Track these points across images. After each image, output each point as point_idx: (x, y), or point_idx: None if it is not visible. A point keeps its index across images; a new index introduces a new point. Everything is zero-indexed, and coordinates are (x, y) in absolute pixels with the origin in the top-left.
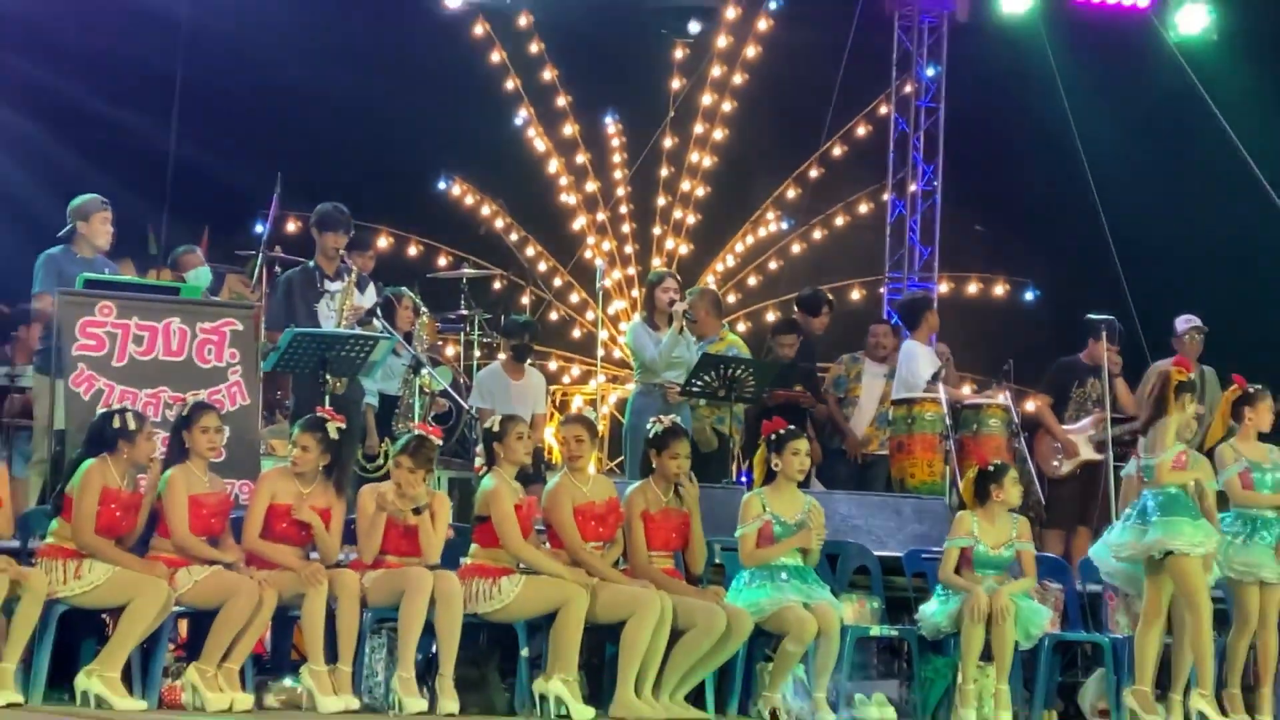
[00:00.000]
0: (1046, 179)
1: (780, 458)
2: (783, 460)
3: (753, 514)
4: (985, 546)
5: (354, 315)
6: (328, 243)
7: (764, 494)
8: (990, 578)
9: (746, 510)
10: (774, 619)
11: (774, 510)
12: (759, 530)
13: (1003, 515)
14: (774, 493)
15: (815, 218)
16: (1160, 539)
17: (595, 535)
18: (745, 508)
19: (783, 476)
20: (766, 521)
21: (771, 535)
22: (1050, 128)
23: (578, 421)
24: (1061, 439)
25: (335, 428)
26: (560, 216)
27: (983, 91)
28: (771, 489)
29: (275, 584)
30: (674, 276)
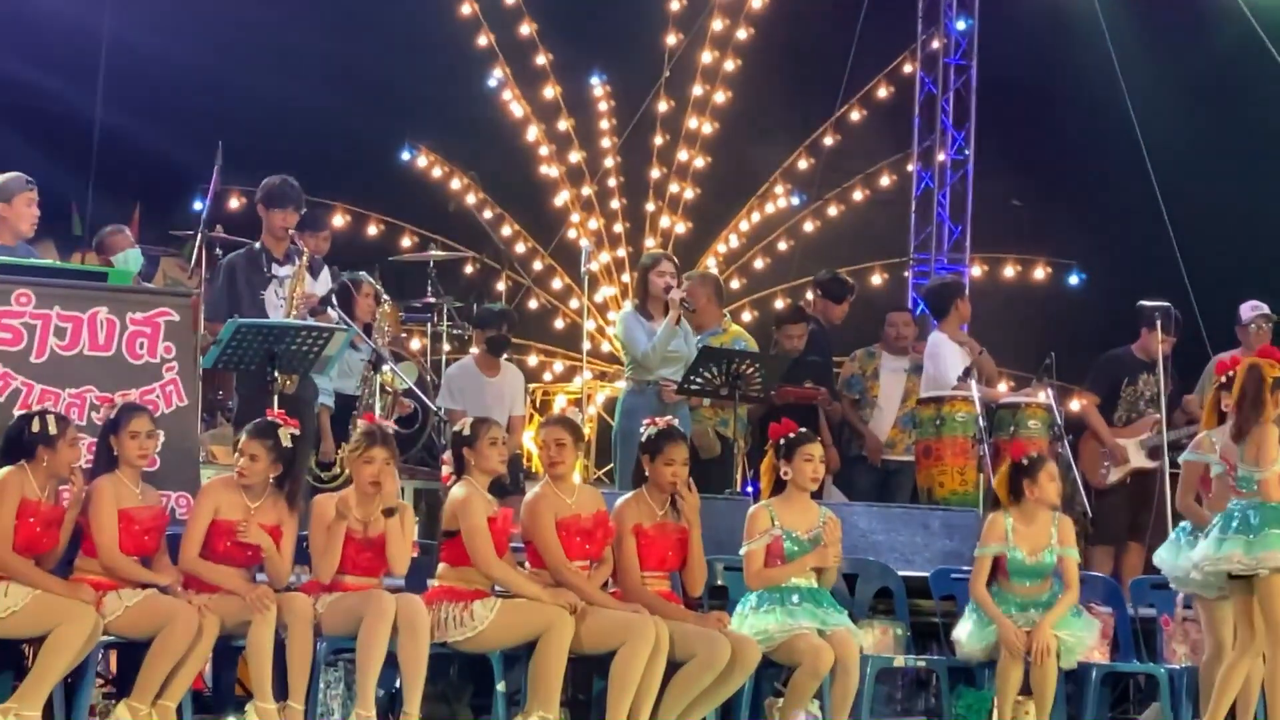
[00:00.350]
0: (1093, 147)
1: (791, 464)
2: (794, 467)
3: (760, 528)
4: (1022, 553)
5: (305, 304)
6: (275, 221)
7: (773, 506)
8: (1028, 587)
9: (753, 524)
10: (784, 648)
11: (784, 524)
12: (767, 547)
13: (1041, 516)
14: (784, 504)
15: (830, 192)
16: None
17: (581, 553)
18: (751, 521)
19: (794, 486)
20: (776, 537)
21: (782, 553)
22: (1098, 89)
23: (560, 424)
24: (1110, 443)
25: (288, 434)
26: (541, 191)
27: (1021, 48)
28: (781, 500)
29: (217, 610)
30: (670, 259)
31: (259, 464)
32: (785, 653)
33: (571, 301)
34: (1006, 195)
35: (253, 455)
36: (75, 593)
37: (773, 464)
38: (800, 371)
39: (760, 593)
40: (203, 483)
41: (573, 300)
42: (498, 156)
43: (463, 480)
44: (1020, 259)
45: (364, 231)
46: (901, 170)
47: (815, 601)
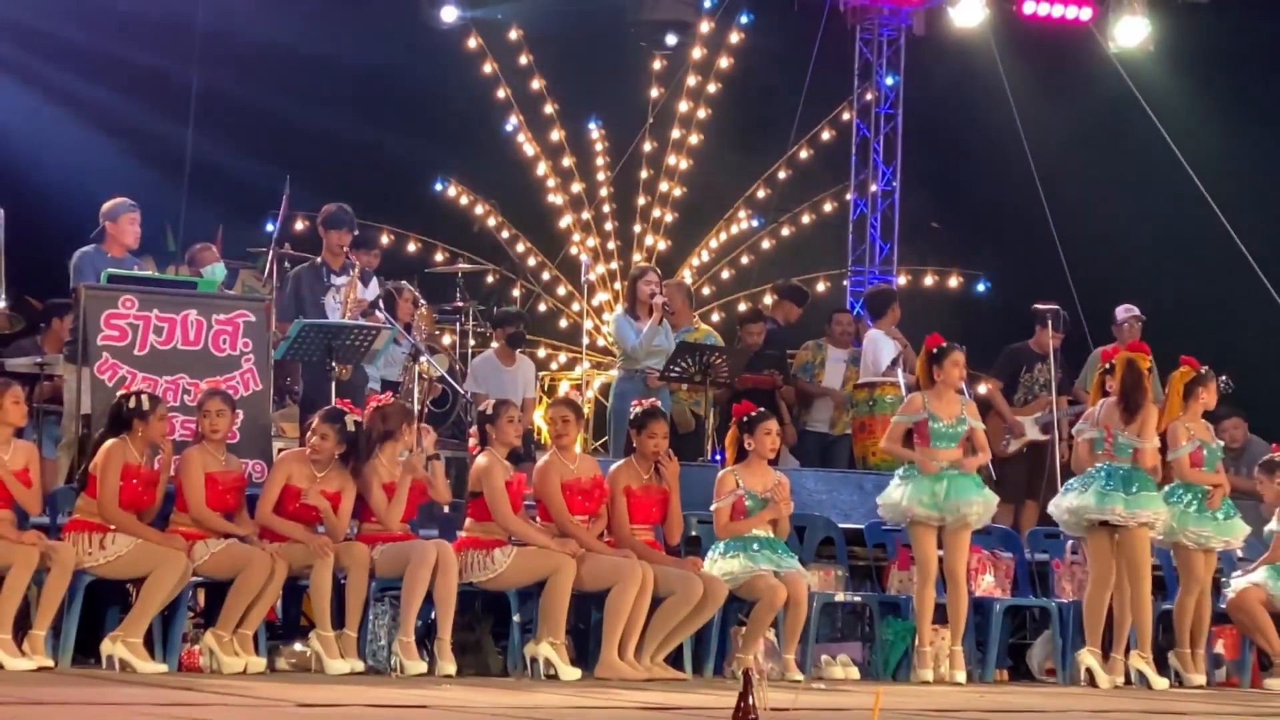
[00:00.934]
0: (997, 179)
1: (753, 437)
2: (755, 439)
3: (726, 489)
4: (940, 420)
5: (358, 307)
6: (333, 240)
7: (736, 471)
8: (946, 451)
9: (721, 486)
10: (747, 587)
11: (746, 486)
12: (732, 505)
13: (949, 395)
14: (746, 470)
15: (784, 216)
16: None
17: (582, 509)
18: (719, 484)
19: (755, 454)
20: (739, 496)
21: (744, 509)
22: (1000, 132)
23: (564, 404)
24: (1010, 420)
25: (352, 420)
26: (548, 215)
27: (938, 99)
28: (743, 466)
29: (286, 556)
30: (655, 271)
31: (328, 442)
32: (747, 590)
33: (573, 305)
34: (926, 219)
35: (323, 435)
36: (169, 541)
37: (736, 437)
38: (759, 362)
39: (727, 541)
40: (273, 454)
41: (574, 304)
42: (513, 187)
43: (485, 451)
44: (938, 270)
45: (405, 248)
46: (841, 198)
47: (772, 549)
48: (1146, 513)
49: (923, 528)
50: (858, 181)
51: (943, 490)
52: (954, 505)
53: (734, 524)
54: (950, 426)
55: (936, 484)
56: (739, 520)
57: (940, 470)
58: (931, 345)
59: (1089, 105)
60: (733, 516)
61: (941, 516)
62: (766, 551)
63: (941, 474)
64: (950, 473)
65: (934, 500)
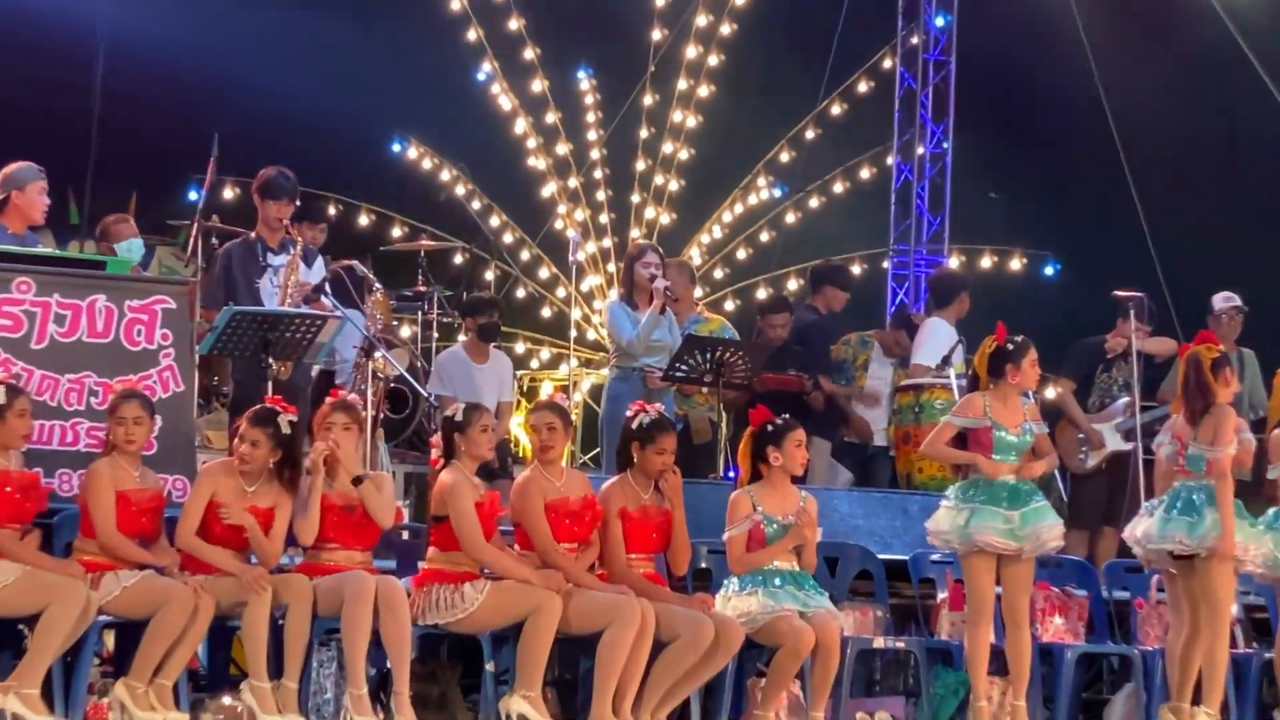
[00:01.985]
0: (1069, 140)
1: (781, 450)
2: (785, 453)
3: (742, 514)
4: (1006, 429)
5: (299, 292)
6: (270, 212)
7: (754, 491)
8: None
9: (734, 510)
10: (767, 630)
11: (766, 510)
12: (749, 532)
13: (1014, 398)
14: (765, 489)
15: (812, 184)
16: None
17: (569, 535)
18: (733, 507)
19: (781, 471)
20: (757, 522)
21: (763, 537)
22: (1073, 85)
23: (550, 408)
24: (1086, 428)
25: (287, 421)
26: (528, 182)
27: (998, 43)
28: (762, 485)
29: (212, 591)
30: (655, 250)
31: (259, 450)
32: (768, 634)
33: (559, 290)
34: (984, 188)
35: (254, 441)
36: (64, 569)
37: (750, 450)
38: (784, 360)
39: (743, 576)
40: (198, 466)
41: (560, 289)
42: (486, 148)
43: (450, 465)
44: (997, 250)
45: (355, 222)
46: (881, 163)
47: (797, 584)
48: (1214, 539)
49: (979, 558)
50: (901, 143)
51: (1018, 516)
52: (1033, 531)
53: (751, 555)
54: (1017, 436)
55: (1008, 503)
56: (757, 550)
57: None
58: (1002, 338)
59: (1183, 53)
60: (750, 546)
61: (1019, 546)
62: (790, 588)
63: (1009, 489)
64: (1024, 487)
65: (1008, 525)
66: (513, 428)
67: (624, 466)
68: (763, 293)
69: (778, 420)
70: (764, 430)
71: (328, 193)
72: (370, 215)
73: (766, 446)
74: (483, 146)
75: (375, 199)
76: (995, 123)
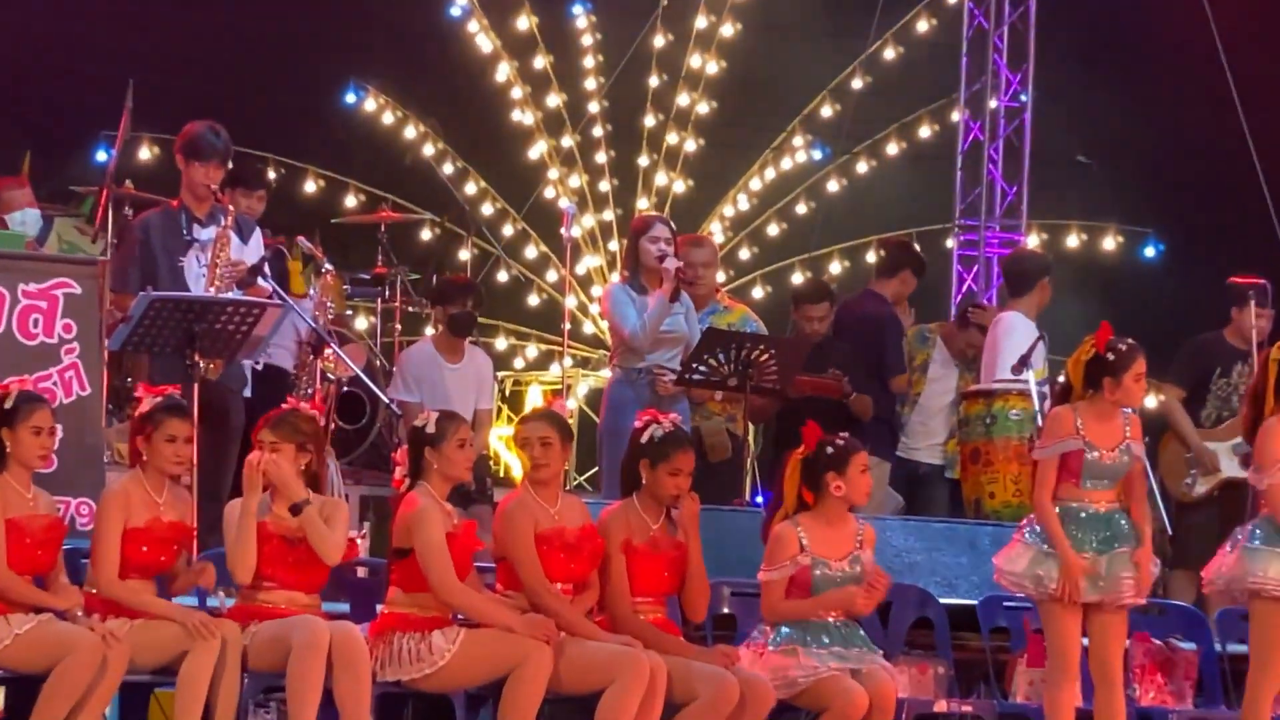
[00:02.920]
0: (1177, 96)
1: (844, 477)
2: (848, 480)
3: (786, 553)
4: (1099, 451)
5: (232, 274)
6: (197, 176)
7: (802, 526)
8: (1103, 492)
9: (778, 547)
10: (809, 693)
11: (816, 550)
12: (792, 577)
13: (1114, 414)
14: (817, 523)
15: (860, 145)
16: None
17: (565, 573)
18: (777, 544)
19: (839, 502)
20: (804, 566)
21: (809, 582)
22: (1183, 28)
23: (546, 419)
24: (1196, 447)
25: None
26: (512, 141)
27: None
28: (813, 518)
29: (130, 639)
30: (667, 223)
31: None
32: (810, 698)
33: (549, 273)
34: (1071, 150)
35: (171, 437)
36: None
37: (802, 475)
38: (824, 359)
39: (780, 626)
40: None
41: (550, 272)
42: (462, 99)
43: (418, 487)
44: (1087, 226)
45: (301, 188)
46: (945, 119)
47: (846, 641)
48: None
49: (1063, 604)
50: (970, 95)
51: (1104, 561)
52: (1114, 580)
53: (792, 605)
54: (1113, 461)
55: (1097, 541)
56: (798, 599)
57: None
58: (1103, 344)
59: None
60: (790, 592)
61: (1100, 596)
62: (839, 647)
63: (1101, 522)
64: (1122, 520)
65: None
66: (493, 442)
67: (629, 490)
68: (798, 277)
69: (838, 441)
70: (822, 453)
71: (266, 153)
72: (319, 180)
73: (826, 473)
74: (457, 97)
75: (325, 161)
76: (1085, 70)
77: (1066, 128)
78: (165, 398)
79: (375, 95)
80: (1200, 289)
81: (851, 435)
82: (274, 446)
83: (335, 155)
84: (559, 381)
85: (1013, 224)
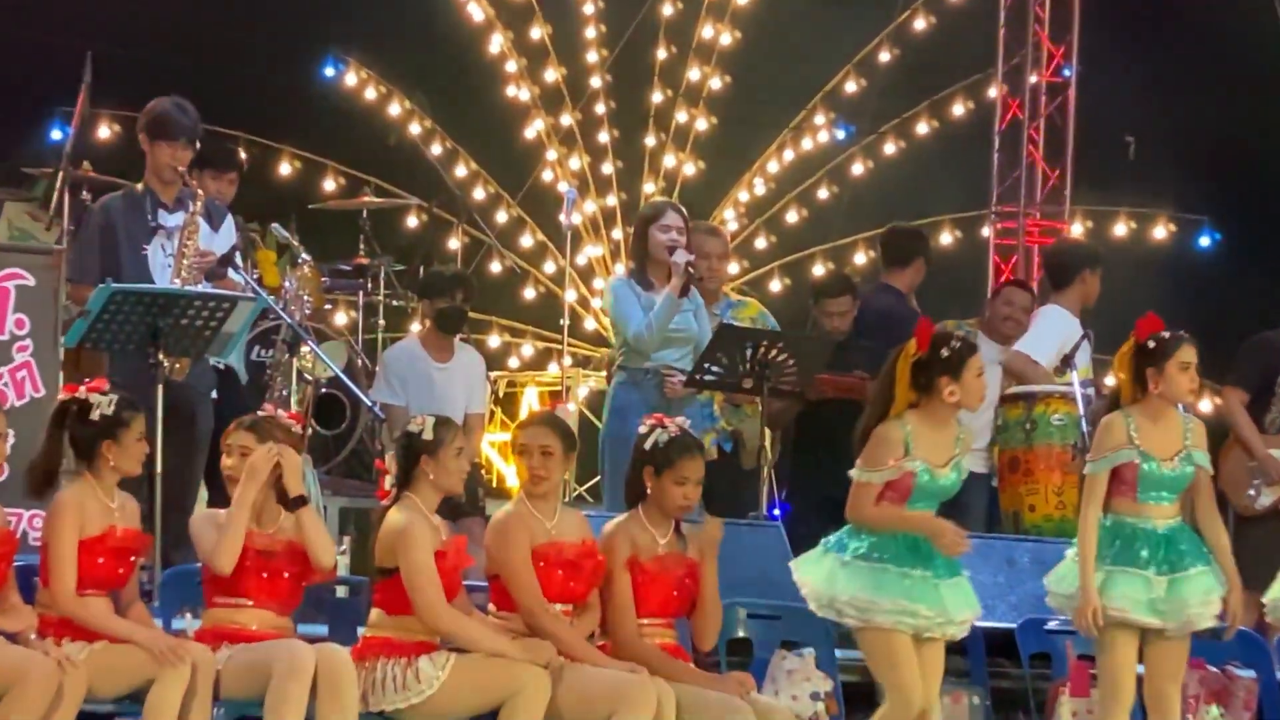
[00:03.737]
0: (1237, 70)
1: (958, 382)
2: (962, 386)
3: (891, 455)
4: (1155, 461)
5: (201, 264)
6: (163, 157)
7: (910, 425)
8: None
9: (881, 445)
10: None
11: (922, 454)
12: (893, 481)
13: (1169, 414)
14: (925, 425)
15: (886, 124)
16: None
17: (564, 593)
18: (880, 444)
19: (949, 409)
20: (908, 472)
21: (909, 491)
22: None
23: (547, 425)
24: (1261, 455)
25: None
26: (507, 119)
27: None
28: (921, 418)
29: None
30: (678, 210)
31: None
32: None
33: (547, 264)
34: (1120, 130)
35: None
36: None
37: (912, 376)
38: (848, 358)
39: (861, 530)
40: None
41: (548, 263)
42: (452, 73)
43: (402, 500)
44: (1136, 214)
45: (276, 169)
46: (981, 96)
47: (937, 569)
48: None
49: (1117, 630)
50: (1008, 69)
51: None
52: (1179, 604)
53: (884, 511)
54: (1172, 470)
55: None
56: (890, 507)
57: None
58: (1146, 333)
59: None
60: (883, 496)
61: (1163, 623)
62: (923, 570)
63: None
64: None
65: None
66: (486, 449)
67: (633, 501)
68: (820, 269)
69: (954, 342)
70: (937, 355)
71: (238, 132)
72: (295, 162)
73: (941, 376)
74: (446, 71)
75: (302, 140)
76: (1135, 42)
77: (1114, 105)
78: (117, 394)
79: (356, 68)
80: (1261, 282)
81: None
82: (244, 451)
83: (313, 134)
84: (557, 382)
85: (1055, 211)
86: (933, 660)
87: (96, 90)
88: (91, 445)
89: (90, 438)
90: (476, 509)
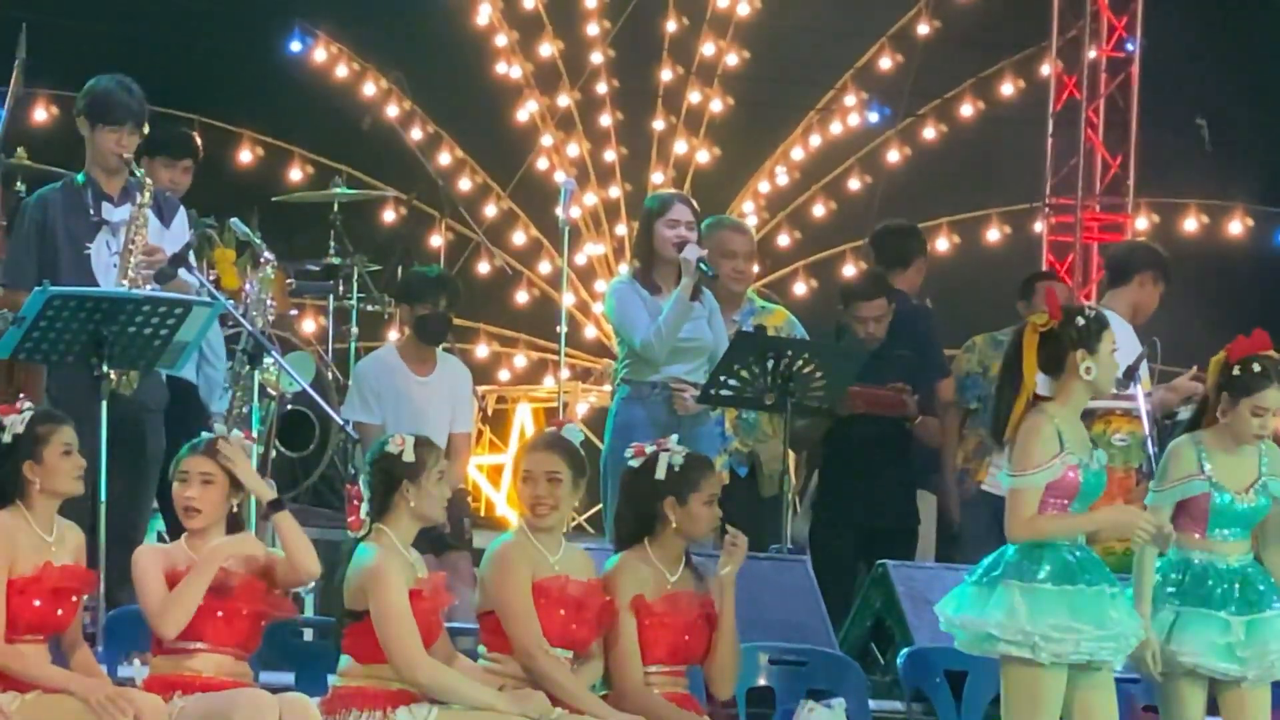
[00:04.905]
0: None
1: (1094, 357)
2: (1099, 362)
3: (1047, 452)
4: (1229, 493)
5: (149, 263)
6: (107, 143)
7: (1057, 416)
8: (1236, 545)
9: (1034, 440)
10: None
11: (1075, 448)
12: (1054, 481)
13: (1243, 443)
14: (1064, 410)
15: (924, 105)
16: None
17: (566, 636)
18: (1031, 436)
19: (1087, 386)
20: (1070, 467)
21: (1074, 492)
22: None
23: (555, 448)
24: None
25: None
26: (496, 101)
27: None
28: (1061, 407)
29: (23, 714)
30: (686, 202)
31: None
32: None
33: (542, 264)
34: (1190, 112)
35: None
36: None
37: (1041, 353)
38: (882, 369)
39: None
40: None
41: (543, 263)
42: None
43: (374, 533)
44: (1208, 206)
45: (235, 157)
46: (1033, 74)
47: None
48: None
49: (1185, 680)
50: (1063, 43)
51: (1242, 625)
52: (1260, 650)
53: (1048, 520)
54: (1247, 503)
55: (1232, 602)
56: (1057, 513)
57: (1226, 566)
58: (1237, 351)
59: None
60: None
61: (1242, 671)
62: (1105, 585)
63: (1236, 578)
64: (1259, 578)
65: (1227, 637)
66: (473, 472)
67: (635, 539)
68: (852, 269)
69: (1089, 311)
70: (1069, 327)
71: (192, 114)
72: (257, 149)
73: (1075, 350)
74: (428, 45)
75: (265, 124)
76: (1208, 13)
77: (1184, 83)
78: (30, 408)
79: (326, 43)
80: None
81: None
82: (205, 479)
83: (277, 117)
84: (553, 398)
85: (1116, 203)
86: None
87: (32, 67)
88: (14, 471)
89: (10, 464)
90: (463, 541)
